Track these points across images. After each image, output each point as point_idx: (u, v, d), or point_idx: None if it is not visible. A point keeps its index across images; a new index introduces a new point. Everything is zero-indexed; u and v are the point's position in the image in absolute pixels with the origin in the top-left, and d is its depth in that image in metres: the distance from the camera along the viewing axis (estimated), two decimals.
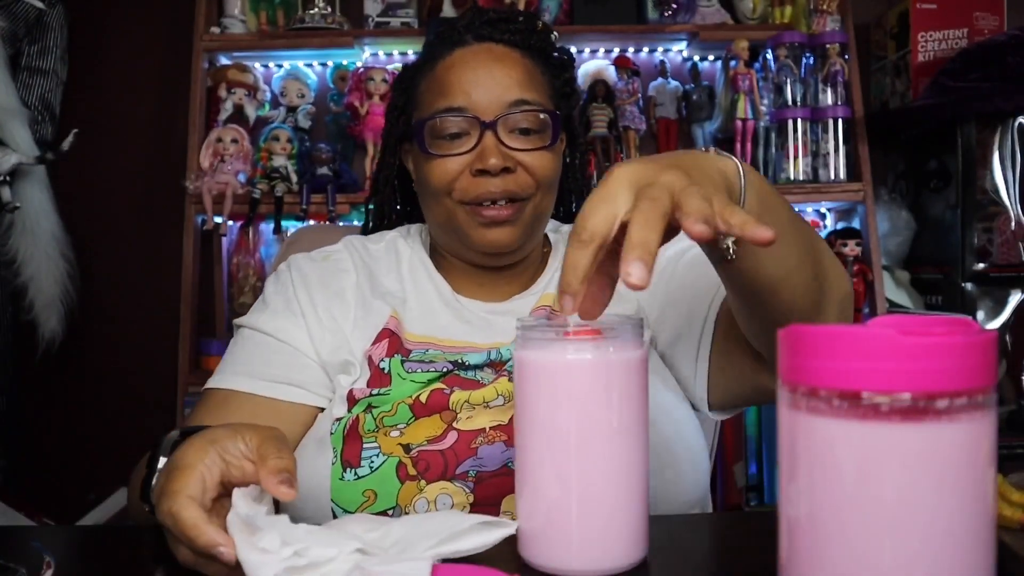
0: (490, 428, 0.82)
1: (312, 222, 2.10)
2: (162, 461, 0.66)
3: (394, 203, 1.11)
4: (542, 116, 0.94)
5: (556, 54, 1.02)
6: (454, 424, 0.83)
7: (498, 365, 0.89)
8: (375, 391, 0.86)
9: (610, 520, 0.58)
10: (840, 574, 0.43)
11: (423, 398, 0.84)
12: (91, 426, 2.30)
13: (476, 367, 0.89)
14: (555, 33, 1.05)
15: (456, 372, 0.89)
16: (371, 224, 1.13)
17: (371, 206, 1.13)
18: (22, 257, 1.99)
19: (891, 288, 2.18)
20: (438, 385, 0.86)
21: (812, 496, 0.44)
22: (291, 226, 2.11)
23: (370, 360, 0.90)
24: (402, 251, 1.03)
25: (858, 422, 0.42)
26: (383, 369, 0.88)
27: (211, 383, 0.91)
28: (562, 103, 1.01)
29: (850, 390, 0.42)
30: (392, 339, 0.91)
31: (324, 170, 2.09)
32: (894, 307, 2.16)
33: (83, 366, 2.30)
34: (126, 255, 2.32)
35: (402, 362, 0.88)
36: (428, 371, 0.87)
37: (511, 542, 0.61)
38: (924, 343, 0.41)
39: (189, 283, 2.10)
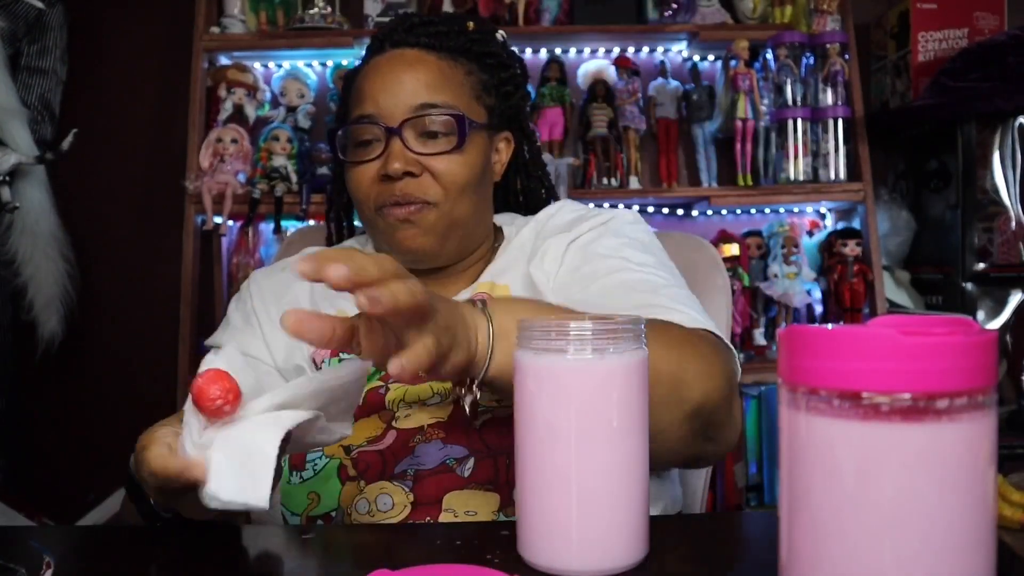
0: (428, 426, 0.83)
1: (312, 222, 2.10)
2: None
3: (349, 214, 1.14)
4: (449, 119, 0.92)
5: (492, 52, 1.01)
6: (393, 423, 0.84)
7: None
8: None
9: (610, 520, 0.58)
10: (840, 574, 0.43)
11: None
12: (91, 426, 2.29)
13: None
14: (500, 32, 1.05)
15: None
16: (334, 238, 1.15)
17: (332, 222, 1.15)
18: (22, 257, 1.99)
19: (891, 288, 2.18)
20: (374, 383, 0.87)
21: (812, 496, 0.44)
22: (291, 226, 2.11)
23: (313, 362, 0.93)
24: None
25: (858, 422, 0.42)
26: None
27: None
28: (499, 102, 1.00)
29: (850, 390, 0.42)
30: None
31: (324, 170, 2.09)
32: (894, 307, 2.16)
33: (83, 366, 2.30)
34: (126, 255, 2.32)
35: (340, 360, 0.90)
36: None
37: (511, 542, 0.61)
38: (924, 343, 0.41)
39: (189, 283, 2.10)
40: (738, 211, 2.32)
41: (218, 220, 2.09)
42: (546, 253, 0.95)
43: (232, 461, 0.57)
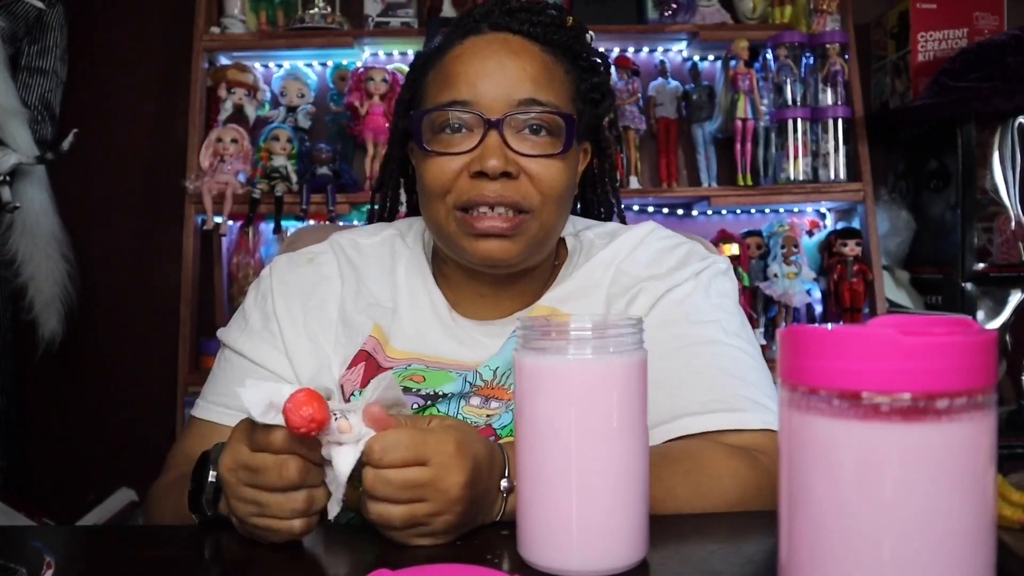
0: None
1: (312, 222, 2.10)
2: (212, 475, 0.67)
3: (397, 201, 1.05)
4: (556, 119, 0.84)
5: (587, 55, 0.93)
6: None
7: (481, 390, 0.84)
8: None
9: (610, 520, 0.58)
10: (840, 574, 0.43)
11: None
12: (91, 426, 2.30)
13: (455, 396, 0.83)
14: (591, 33, 0.96)
15: (430, 409, 0.82)
16: (375, 220, 1.06)
17: (375, 206, 1.06)
18: (22, 257, 1.99)
19: (891, 288, 2.18)
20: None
21: (812, 496, 0.44)
22: (291, 226, 2.11)
23: (342, 389, 0.85)
24: (400, 253, 0.96)
25: (858, 422, 0.42)
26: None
27: (195, 411, 0.90)
28: (587, 109, 0.92)
29: (850, 390, 0.42)
30: (368, 363, 0.86)
31: (324, 170, 2.10)
32: (894, 307, 2.16)
33: (83, 366, 2.30)
34: (126, 255, 2.32)
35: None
36: None
37: (511, 542, 0.61)
38: (924, 343, 0.41)
39: (189, 283, 2.10)
40: (738, 211, 2.32)
41: (218, 220, 2.09)
42: (638, 296, 0.88)
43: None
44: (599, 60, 0.95)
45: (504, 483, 0.66)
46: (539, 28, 0.88)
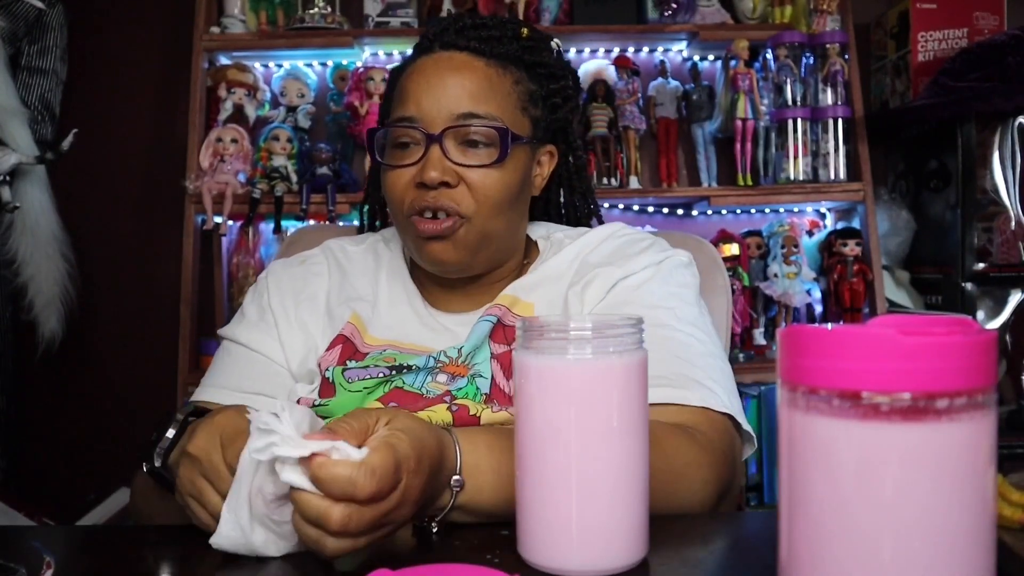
0: None
1: (312, 222, 2.10)
2: (171, 433, 0.71)
3: (385, 212, 1.13)
4: (492, 132, 0.90)
5: (544, 62, 0.98)
6: None
7: (447, 367, 0.90)
8: (319, 402, 0.87)
9: (610, 520, 0.58)
10: (840, 573, 0.43)
11: None
12: (91, 426, 2.30)
13: (420, 369, 0.89)
14: (555, 41, 1.02)
15: (396, 379, 0.88)
16: (365, 229, 1.15)
17: (365, 208, 1.15)
18: (22, 257, 1.99)
19: (891, 288, 2.18)
20: (374, 404, 0.86)
21: (812, 496, 0.44)
22: (291, 226, 2.11)
23: (320, 367, 0.92)
24: (382, 255, 1.04)
25: (858, 422, 0.42)
26: (328, 379, 0.89)
27: (194, 396, 0.94)
28: (546, 113, 0.99)
29: (850, 390, 0.42)
30: (345, 346, 0.92)
31: (324, 170, 2.09)
32: (894, 307, 2.16)
33: (83, 366, 2.30)
34: (126, 255, 2.32)
35: (343, 371, 0.88)
36: (366, 378, 0.87)
37: (511, 542, 0.61)
38: (924, 343, 0.41)
39: (189, 283, 2.10)
40: (738, 211, 2.32)
41: (218, 220, 2.09)
42: (591, 282, 0.94)
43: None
44: (558, 66, 1.01)
45: (455, 479, 0.65)
46: (486, 44, 0.94)
